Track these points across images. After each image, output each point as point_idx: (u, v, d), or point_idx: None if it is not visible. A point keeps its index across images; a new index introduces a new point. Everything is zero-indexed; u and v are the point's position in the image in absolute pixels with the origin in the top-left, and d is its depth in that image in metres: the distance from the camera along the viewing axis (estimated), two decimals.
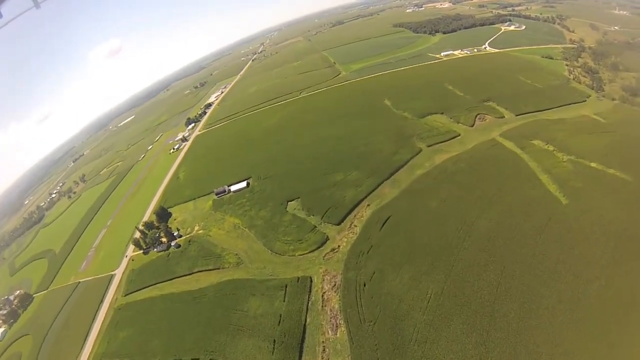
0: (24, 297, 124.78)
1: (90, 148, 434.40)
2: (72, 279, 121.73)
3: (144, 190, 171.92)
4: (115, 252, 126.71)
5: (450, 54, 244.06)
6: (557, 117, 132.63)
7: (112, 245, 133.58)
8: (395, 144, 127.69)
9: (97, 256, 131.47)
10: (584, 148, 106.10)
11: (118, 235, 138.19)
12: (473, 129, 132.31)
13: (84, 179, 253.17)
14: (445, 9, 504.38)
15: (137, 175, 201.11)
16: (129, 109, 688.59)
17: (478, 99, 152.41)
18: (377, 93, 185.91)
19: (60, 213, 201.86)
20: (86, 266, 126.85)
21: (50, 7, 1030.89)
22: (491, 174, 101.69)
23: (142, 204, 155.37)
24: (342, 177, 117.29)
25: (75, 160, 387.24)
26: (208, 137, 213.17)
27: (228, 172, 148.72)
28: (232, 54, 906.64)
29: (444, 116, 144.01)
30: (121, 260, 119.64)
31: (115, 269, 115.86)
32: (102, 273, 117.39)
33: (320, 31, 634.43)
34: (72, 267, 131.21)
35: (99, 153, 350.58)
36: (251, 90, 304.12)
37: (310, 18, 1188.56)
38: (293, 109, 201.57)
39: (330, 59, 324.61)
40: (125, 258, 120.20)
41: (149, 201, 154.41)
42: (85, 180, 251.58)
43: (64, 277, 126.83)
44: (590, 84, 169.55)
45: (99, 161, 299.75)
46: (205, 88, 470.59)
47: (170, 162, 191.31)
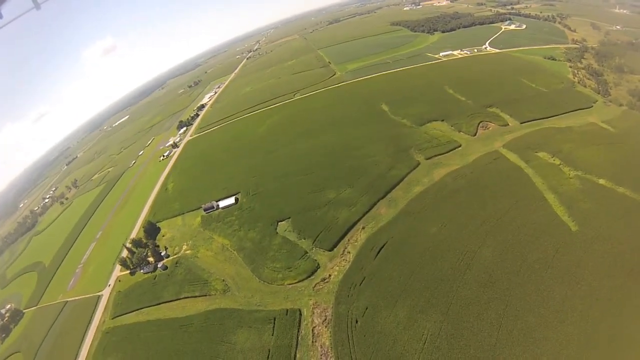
0: (15, 313, 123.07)
1: (83, 150, 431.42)
2: (60, 297, 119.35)
3: (133, 200, 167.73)
4: (102, 270, 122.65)
5: (450, 54, 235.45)
6: (563, 124, 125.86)
7: (100, 262, 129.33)
8: (392, 156, 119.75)
9: (85, 273, 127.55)
10: (592, 162, 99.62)
11: (106, 251, 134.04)
12: (475, 138, 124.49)
13: (76, 184, 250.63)
14: (444, 6, 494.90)
15: (127, 183, 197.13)
16: (125, 107, 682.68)
17: (480, 105, 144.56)
18: (374, 96, 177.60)
19: (52, 220, 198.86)
20: (74, 284, 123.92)
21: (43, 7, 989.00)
22: (494, 192, 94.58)
23: (131, 217, 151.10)
24: (335, 195, 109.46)
25: (68, 164, 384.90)
26: (198, 144, 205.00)
27: (217, 184, 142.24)
28: (228, 52, 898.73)
29: (445, 124, 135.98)
30: (108, 280, 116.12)
31: (102, 290, 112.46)
32: (90, 293, 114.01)
33: (316, 29, 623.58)
34: (61, 283, 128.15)
35: (91, 156, 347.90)
36: (245, 90, 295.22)
37: (307, 16, 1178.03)
38: (285, 114, 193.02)
39: (325, 58, 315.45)
40: (112, 277, 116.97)
41: (138, 213, 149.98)
42: (77, 185, 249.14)
43: (53, 294, 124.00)
44: (596, 88, 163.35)
45: (91, 165, 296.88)
46: (199, 87, 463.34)
47: (159, 171, 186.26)
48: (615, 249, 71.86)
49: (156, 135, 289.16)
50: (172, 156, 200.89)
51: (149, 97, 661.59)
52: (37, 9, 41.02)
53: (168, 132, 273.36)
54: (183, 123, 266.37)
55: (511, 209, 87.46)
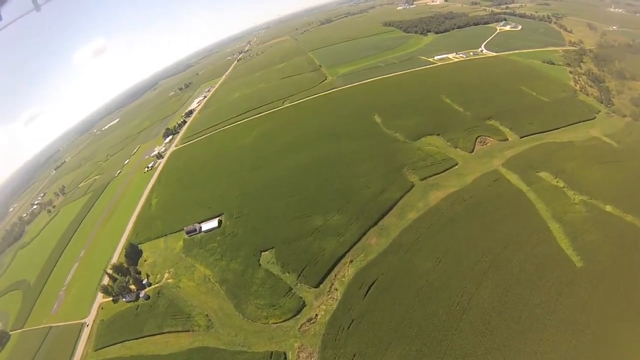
0: (2, 335, 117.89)
1: (72, 155, 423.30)
2: (44, 322, 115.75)
3: (117, 215, 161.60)
4: (85, 295, 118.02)
5: (445, 57, 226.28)
6: (565, 139, 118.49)
7: (82, 286, 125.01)
8: (384, 176, 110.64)
9: (69, 296, 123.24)
10: (597, 184, 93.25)
11: (89, 273, 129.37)
12: (473, 155, 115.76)
13: (64, 191, 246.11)
14: (437, 6, 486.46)
15: (112, 194, 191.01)
16: (116, 109, 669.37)
17: (479, 116, 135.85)
18: (365, 106, 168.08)
19: (39, 231, 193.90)
20: (57, 308, 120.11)
21: None
22: (493, 221, 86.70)
23: (114, 234, 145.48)
24: (322, 222, 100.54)
25: (57, 168, 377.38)
26: (183, 156, 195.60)
27: (201, 202, 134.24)
28: (220, 52, 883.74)
29: (441, 138, 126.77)
30: (91, 306, 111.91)
31: (85, 317, 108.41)
32: (73, 319, 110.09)
33: (307, 30, 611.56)
34: (45, 305, 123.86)
35: (79, 162, 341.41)
36: (233, 96, 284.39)
37: (299, 15, 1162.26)
38: (273, 124, 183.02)
39: (316, 61, 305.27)
40: (95, 303, 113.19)
41: (122, 231, 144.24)
42: (64, 192, 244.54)
43: (37, 317, 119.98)
44: (598, 97, 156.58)
45: (79, 172, 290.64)
46: (190, 89, 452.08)
47: (144, 183, 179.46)
48: (621, 287, 65.98)
49: (143, 143, 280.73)
50: (157, 167, 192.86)
51: (140, 99, 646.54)
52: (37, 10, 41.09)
53: (154, 140, 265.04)
54: (169, 131, 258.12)
55: (512, 242, 79.99)
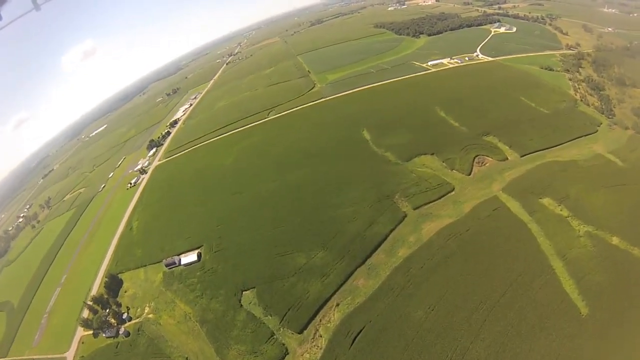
0: None
1: (60, 162, 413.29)
2: (26, 354, 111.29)
3: (98, 238, 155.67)
4: (66, 325, 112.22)
5: (439, 63, 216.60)
6: (568, 157, 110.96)
7: (64, 315, 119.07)
8: (373, 205, 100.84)
9: (50, 325, 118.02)
10: (603, 211, 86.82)
11: (70, 302, 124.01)
12: (470, 178, 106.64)
13: (49, 204, 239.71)
14: (429, 6, 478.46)
15: (95, 211, 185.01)
16: (105, 113, 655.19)
17: (476, 132, 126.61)
18: (354, 119, 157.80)
19: (23, 248, 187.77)
20: (39, 339, 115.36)
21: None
22: (493, 260, 78.58)
23: (95, 259, 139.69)
24: (305, 261, 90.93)
25: (44, 177, 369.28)
26: (165, 174, 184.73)
27: (180, 229, 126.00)
28: (210, 54, 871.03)
29: (436, 158, 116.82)
30: (72, 339, 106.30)
31: (66, 351, 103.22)
32: (54, 353, 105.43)
33: (297, 31, 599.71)
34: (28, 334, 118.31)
35: (66, 171, 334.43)
36: (219, 105, 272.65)
37: (290, 16, 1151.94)
38: (256, 139, 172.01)
39: (304, 66, 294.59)
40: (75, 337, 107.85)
41: (102, 256, 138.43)
42: (50, 205, 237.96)
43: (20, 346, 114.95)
44: (599, 107, 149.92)
45: (65, 183, 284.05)
46: (177, 95, 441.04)
47: (126, 201, 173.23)
48: (629, 338, 60.57)
49: (128, 154, 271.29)
50: (140, 184, 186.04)
51: (129, 103, 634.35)
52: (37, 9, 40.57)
53: (139, 152, 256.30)
54: (154, 143, 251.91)
55: (512, 286, 72.29)
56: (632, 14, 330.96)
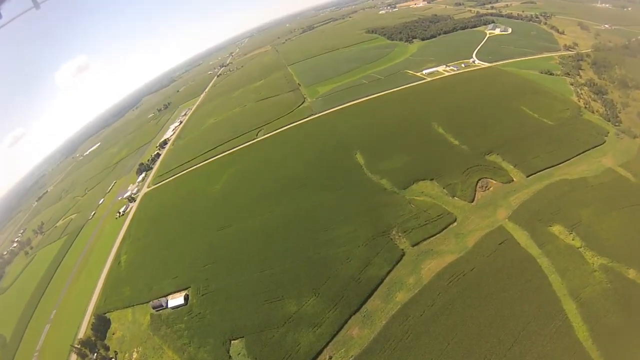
0: None
1: (54, 184, 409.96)
2: None
3: (88, 271, 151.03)
4: None
5: (434, 71, 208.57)
6: (576, 174, 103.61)
7: (53, 354, 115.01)
8: (368, 244, 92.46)
9: None
10: (617, 239, 79.79)
11: (59, 340, 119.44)
12: (473, 205, 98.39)
13: (42, 229, 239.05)
14: (420, 8, 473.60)
15: (84, 242, 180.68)
16: (99, 129, 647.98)
17: (477, 151, 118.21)
18: (346, 140, 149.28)
19: (16, 276, 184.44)
20: None
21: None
22: (499, 306, 70.90)
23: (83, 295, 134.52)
24: (296, 308, 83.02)
25: (39, 199, 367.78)
26: (153, 203, 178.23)
27: (167, 268, 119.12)
28: (202, 65, 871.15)
29: (435, 184, 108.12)
30: None
31: None
32: None
33: (289, 38, 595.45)
34: None
35: (59, 194, 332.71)
36: (208, 122, 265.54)
37: (282, 22, 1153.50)
38: (244, 165, 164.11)
39: (294, 78, 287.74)
40: None
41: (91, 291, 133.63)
42: (42, 231, 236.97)
43: None
44: (604, 113, 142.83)
45: (58, 207, 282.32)
46: (168, 111, 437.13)
47: (115, 232, 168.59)
48: None
49: (118, 178, 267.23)
50: (129, 213, 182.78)
51: (122, 119, 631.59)
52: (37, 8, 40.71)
53: (129, 176, 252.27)
54: (143, 166, 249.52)
55: (520, 336, 64.91)
56: (626, 8, 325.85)
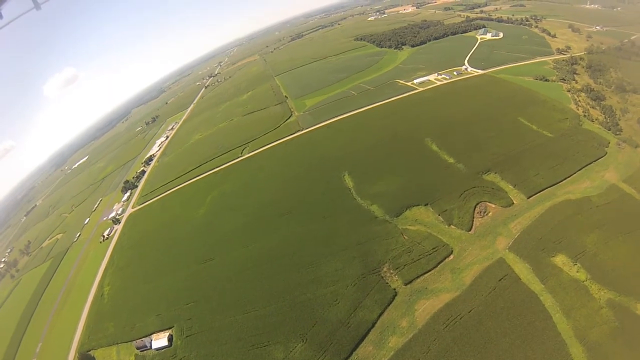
0: None
1: (42, 197, 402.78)
2: None
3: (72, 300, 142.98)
4: None
5: (426, 80, 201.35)
6: (579, 192, 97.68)
7: None
8: (358, 283, 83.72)
9: None
10: (624, 268, 74.36)
11: None
12: (471, 234, 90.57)
13: (28, 250, 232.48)
14: (409, 14, 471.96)
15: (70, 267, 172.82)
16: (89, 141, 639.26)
17: (475, 170, 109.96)
18: (334, 159, 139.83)
19: (3, 300, 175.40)
20: None
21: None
22: (500, 351, 64.12)
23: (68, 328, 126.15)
24: (283, 356, 74.62)
25: (27, 214, 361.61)
26: (137, 228, 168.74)
27: (150, 304, 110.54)
28: (191, 75, 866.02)
29: (430, 210, 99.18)
30: None
31: None
32: None
33: (277, 47, 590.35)
34: None
35: (47, 210, 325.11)
36: (194, 138, 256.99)
37: (272, 29, 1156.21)
38: (229, 187, 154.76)
39: (282, 90, 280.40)
40: None
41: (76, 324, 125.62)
42: (29, 251, 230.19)
43: None
44: (603, 121, 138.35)
45: (45, 224, 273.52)
46: (155, 124, 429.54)
47: (99, 257, 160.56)
48: None
49: (104, 196, 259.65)
50: (113, 236, 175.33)
51: (111, 131, 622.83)
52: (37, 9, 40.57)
53: (114, 194, 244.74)
54: (128, 184, 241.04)
55: None
56: (615, 8, 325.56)
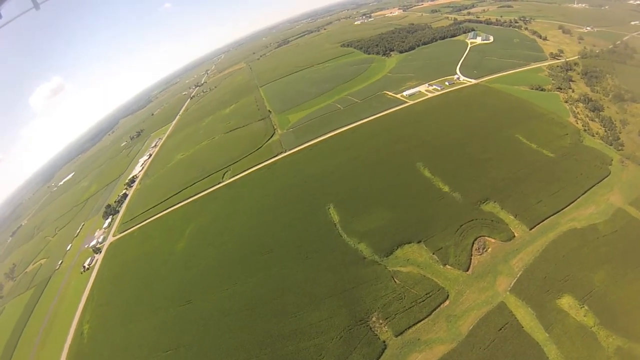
0: None
1: (28, 216, 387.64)
2: None
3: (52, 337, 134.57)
4: None
5: (416, 92, 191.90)
6: (584, 219, 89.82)
7: None
8: (343, 335, 74.31)
9: None
10: (635, 309, 67.47)
11: None
12: (469, 275, 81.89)
13: (13, 274, 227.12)
14: (396, 17, 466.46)
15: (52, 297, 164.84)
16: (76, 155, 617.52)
17: (472, 199, 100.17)
18: (318, 188, 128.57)
19: None
20: None
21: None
22: None
23: None
24: None
25: (13, 234, 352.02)
26: (117, 259, 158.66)
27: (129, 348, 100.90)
28: (179, 83, 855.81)
29: (423, 248, 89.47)
30: None
31: None
32: None
33: (264, 54, 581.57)
34: None
35: (32, 231, 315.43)
36: (176, 158, 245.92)
37: (259, 35, 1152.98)
38: (208, 218, 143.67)
39: (265, 103, 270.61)
40: None
41: None
42: (14, 276, 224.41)
43: None
44: (604, 135, 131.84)
45: (30, 246, 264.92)
46: (140, 139, 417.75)
47: (80, 290, 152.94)
48: None
49: (86, 220, 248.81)
50: (94, 267, 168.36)
51: (98, 144, 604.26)
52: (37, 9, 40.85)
53: (97, 218, 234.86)
54: (110, 209, 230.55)
55: None
56: (603, 7, 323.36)
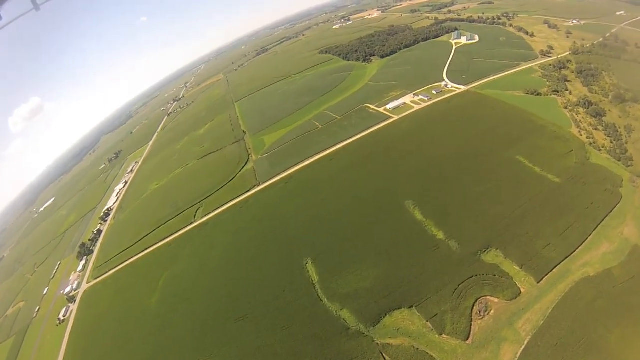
0: None
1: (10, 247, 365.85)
2: None
3: None
4: None
5: (401, 104, 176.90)
6: (597, 263, 77.75)
7: None
8: None
9: None
10: None
11: None
12: (469, 345, 69.06)
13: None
14: (375, 19, 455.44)
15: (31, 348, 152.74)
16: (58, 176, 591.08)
17: (470, 248, 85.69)
18: (294, 237, 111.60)
19: None
20: None
21: None
22: None
23: None
24: None
25: None
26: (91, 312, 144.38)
27: None
28: (158, 97, 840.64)
29: (416, 314, 75.32)
30: None
31: None
32: None
33: (242, 64, 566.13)
34: None
35: (12, 265, 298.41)
36: (150, 188, 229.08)
37: (238, 43, 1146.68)
38: (182, 270, 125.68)
39: (240, 122, 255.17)
40: None
41: None
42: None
43: None
44: (610, 148, 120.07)
45: (10, 284, 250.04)
46: (118, 162, 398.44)
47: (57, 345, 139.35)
48: None
49: (62, 258, 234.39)
50: (68, 320, 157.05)
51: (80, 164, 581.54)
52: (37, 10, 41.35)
53: (72, 258, 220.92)
54: (84, 249, 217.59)
55: None
56: None
